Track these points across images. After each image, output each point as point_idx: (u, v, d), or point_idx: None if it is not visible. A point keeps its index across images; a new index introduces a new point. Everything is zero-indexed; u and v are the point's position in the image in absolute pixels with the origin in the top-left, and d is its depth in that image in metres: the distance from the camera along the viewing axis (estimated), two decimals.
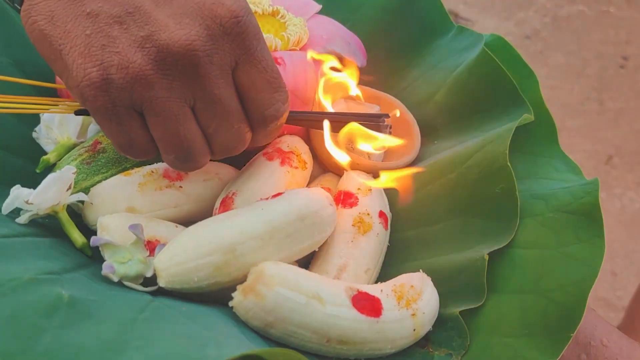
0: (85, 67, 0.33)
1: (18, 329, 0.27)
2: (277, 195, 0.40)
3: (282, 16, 0.50)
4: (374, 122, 0.44)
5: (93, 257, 0.41)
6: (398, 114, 0.50)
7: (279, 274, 0.34)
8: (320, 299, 0.35)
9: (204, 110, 0.35)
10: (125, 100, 0.34)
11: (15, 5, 0.34)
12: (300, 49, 0.49)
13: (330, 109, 0.47)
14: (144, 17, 0.33)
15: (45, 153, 0.47)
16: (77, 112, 0.40)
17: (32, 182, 0.41)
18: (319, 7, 0.54)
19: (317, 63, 0.50)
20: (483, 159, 0.42)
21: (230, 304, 0.35)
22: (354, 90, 0.49)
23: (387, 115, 0.44)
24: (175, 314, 0.32)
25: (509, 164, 0.40)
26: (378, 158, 0.50)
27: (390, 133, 0.44)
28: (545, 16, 1.88)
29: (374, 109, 0.51)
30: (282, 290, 0.34)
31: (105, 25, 0.32)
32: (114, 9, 0.32)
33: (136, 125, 0.35)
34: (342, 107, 0.50)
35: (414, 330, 0.37)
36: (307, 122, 0.45)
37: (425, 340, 0.38)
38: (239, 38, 0.34)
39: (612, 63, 1.73)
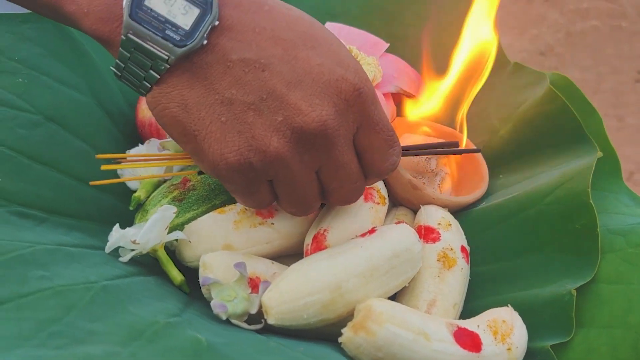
0: (222, 153, 0.35)
1: None
2: (372, 232, 0.42)
3: (355, 56, 0.52)
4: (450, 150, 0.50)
5: (190, 294, 0.42)
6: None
7: (387, 310, 0.36)
8: (426, 335, 0.36)
9: (328, 174, 0.38)
10: (260, 178, 0.37)
11: (141, 90, 0.36)
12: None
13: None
14: (278, 102, 0.35)
15: (129, 190, 0.49)
16: (200, 173, 0.45)
17: (123, 220, 0.43)
18: (386, 45, 0.56)
19: (387, 100, 0.53)
20: (564, 196, 0.44)
21: (340, 340, 0.37)
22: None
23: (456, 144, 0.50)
24: (297, 355, 0.34)
25: (591, 201, 0.42)
26: (447, 193, 0.52)
27: None
28: (559, 32, 1.91)
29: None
30: (391, 327, 0.36)
31: (240, 112, 0.35)
32: (248, 96, 0.34)
33: (265, 191, 0.38)
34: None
35: None
36: None
37: None
38: (361, 108, 0.37)
39: (628, 78, 1.74)
